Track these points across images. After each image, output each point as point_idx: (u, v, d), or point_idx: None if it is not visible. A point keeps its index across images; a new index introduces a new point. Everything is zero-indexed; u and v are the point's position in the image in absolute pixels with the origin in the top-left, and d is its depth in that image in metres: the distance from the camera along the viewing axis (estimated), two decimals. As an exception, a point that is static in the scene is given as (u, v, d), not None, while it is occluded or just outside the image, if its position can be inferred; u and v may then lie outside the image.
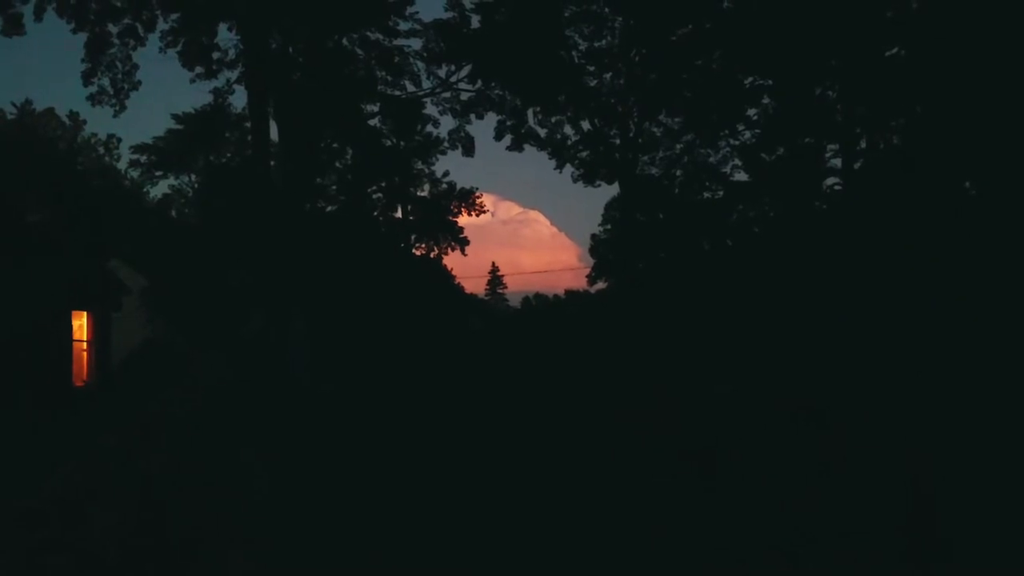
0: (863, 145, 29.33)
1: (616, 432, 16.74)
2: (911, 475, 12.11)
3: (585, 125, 38.29)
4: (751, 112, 33.98)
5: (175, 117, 46.88)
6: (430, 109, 39.61)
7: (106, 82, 30.50)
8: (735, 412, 17.97)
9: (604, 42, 36.61)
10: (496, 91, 36.78)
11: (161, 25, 30.33)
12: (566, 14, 35.70)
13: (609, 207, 54.59)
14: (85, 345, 23.68)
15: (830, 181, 31.35)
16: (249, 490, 12.33)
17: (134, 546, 9.83)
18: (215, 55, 31.42)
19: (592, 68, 37.17)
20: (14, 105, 44.03)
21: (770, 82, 32.14)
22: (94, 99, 30.78)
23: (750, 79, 32.73)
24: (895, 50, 27.95)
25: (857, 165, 29.38)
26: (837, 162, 30.57)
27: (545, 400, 21.13)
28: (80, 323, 23.48)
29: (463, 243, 54.81)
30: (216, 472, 12.93)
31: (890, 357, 20.04)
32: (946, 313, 20.51)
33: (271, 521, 10.90)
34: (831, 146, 30.66)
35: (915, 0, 27.23)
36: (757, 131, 33.75)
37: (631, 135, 38.18)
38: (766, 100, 33.26)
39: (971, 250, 21.72)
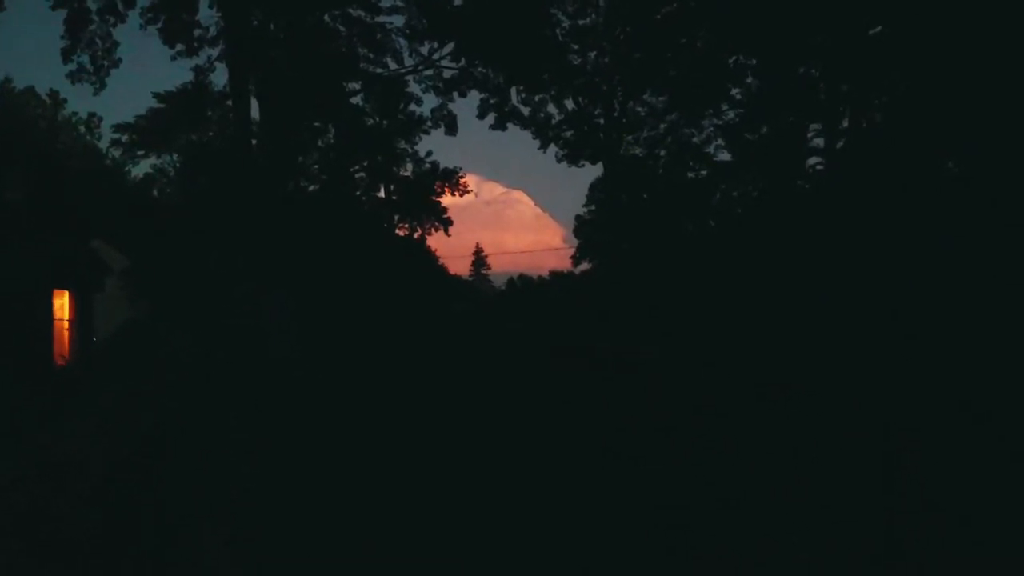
0: (845, 124, 29.41)
1: (605, 418, 16.74)
2: (900, 462, 12.20)
3: (569, 104, 38.30)
4: (735, 91, 34.03)
5: (156, 96, 46.46)
6: (413, 87, 39.56)
7: (86, 59, 30.16)
8: (724, 399, 18.03)
9: (588, 20, 36.60)
10: (479, 69, 36.68)
11: (142, 1, 30.04)
12: (550, -9, 35.66)
13: (593, 187, 54.65)
14: (67, 324, 23.58)
15: (813, 161, 31.48)
16: (229, 472, 12.31)
17: (111, 525, 9.82)
18: (196, 32, 31.17)
19: (576, 46, 37.12)
20: (-7, 84, 43.59)
21: (754, 61, 32.14)
22: (74, 77, 30.43)
23: (734, 58, 32.73)
24: (879, 28, 27.97)
25: (839, 145, 29.47)
26: (820, 141, 30.69)
27: (530, 384, 21.13)
28: (62, 302, 23.38)
29: (447, 223, 54.76)
30: (196, 454, 12.89)
31: (876, 340, 20.14)
32: (930, 294, 20.64)
33: (254, 505, 10.89)
34: (814, 126, 30.76)
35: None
36: (741, 110, 33.79)
37: (615, 114, 38.18)
38: (750, 79, 33.30)
39: (954, 229, 21.83)
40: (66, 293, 23.52)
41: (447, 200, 54.09)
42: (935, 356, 17.66)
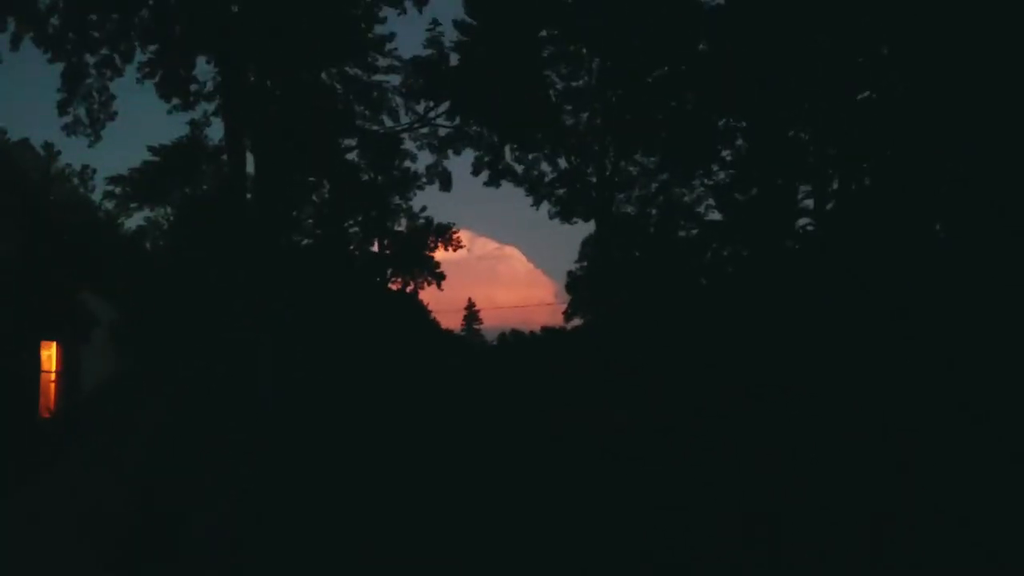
0: (835, 186, 29.68)
1: (606, 469, 16.60)
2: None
3: (562, 163, 38.61)
4: (725, 153, 34.37)
5: (151, 149, 46.73)
6: (408, 144, 39.82)
7: (82, 112, 30.33)
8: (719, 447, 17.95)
9: (581, 82, 37.08)
10: (474, 128, 37.02)
11: (139, 56, 30.30)
12: (544, 54, 36.14)
13: (585, 244, 54.83)
14: (53, 376, 23.43)
15: (802, 221, 31.69)
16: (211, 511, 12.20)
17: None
18: (192, 87, 31.39)
19: (569, 107, 37.58)
20: (-12, 134, 43.78)
21: (743, 124, 32.54)
22: (69, 129, 30.59)
23: (724, 120, 33.13)
24: (867, 94, 28.42)
25: (829, 206, 29.70)
26: (809, 203, 30.92)
27: (522, 436, 20.99)
28: (49, 354, 23.26)
29: (439, 278, 54.84)
30: (172, 511, 12.74)
31: (862, 400, 20.10)
32: (916, 354, 20.68)
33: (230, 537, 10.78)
34: (804, 187, 31.02)
35: (886, 46, 27.75)
36: (731, 171, 34.10)
37: (607, 173, 38.49)
38: (739, 141, 33.67)
39: (940, 291, 21.95)
40: (53, 344, 23.42)
41: (440, 255, 54.33)
42: (925, 420, 17.67)
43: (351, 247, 47.14)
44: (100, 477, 15.24)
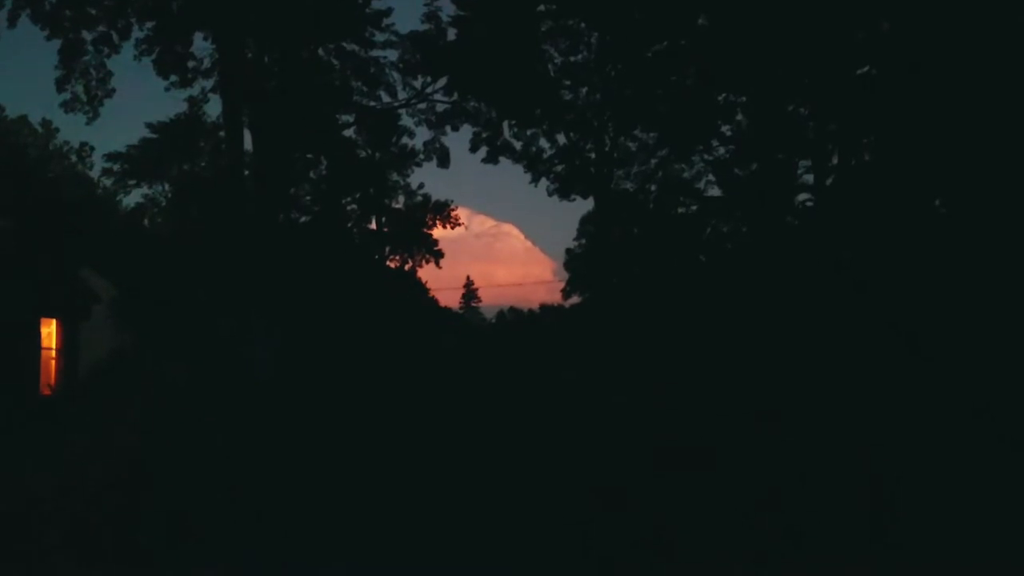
0: (835, 161, 29.62)
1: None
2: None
3: (561, 139, 38.49)
4: (725, 128, 34.22)
5: (149, 126, 46.56)
6: (406, 120, 39.77)
7: (80, 89, 30.32)
8: (713, 423, 18.02)
9: (580, 57, 36.88)
10: (472, 103, 36.91)
11: (136, 33, 30.24)
12: (543, 28, 35.89)
13: (584, 221, 54.83)
14: (54, 353, 23.47)
15: (802, 197, 31.64)
16: (210, 500, 12.25)
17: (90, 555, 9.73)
18: (190, 64, 31.35)
19: (568, 82, 37.38)
20: (-15, 111, 43.66)
21: (743, 99, 32.39)
22: (67, 106, 30.57)
23: (724, 95, 32.96)
24: (866, 69, 28.28)
25: (829, 181, 29.65)
26: (809, 178, 30.87)
27: (519, 417, 21.00)
28: (49, 331, 23.29)
29: (438, 256, 54.90)
30: (176, 480, 12.81)
31: (855, 372, 20.17)
32: (911, 327, 20.73)
33: (231, 528, 10.84)
34: (803, 162, 30.95)
35: (885, 21, 27.60)
36: (731, 147, 33.97)
37: (606, 149, 38.38)
38: (739, 116, 33.52)
39: (939, 265, 21.98)
40: (53, 322, 23.44)
41: (438, 232, 54.40)
42: (918, 391, 17.74)
43: (349, 224, 47.14)
44: (98, 465, 15.25)
